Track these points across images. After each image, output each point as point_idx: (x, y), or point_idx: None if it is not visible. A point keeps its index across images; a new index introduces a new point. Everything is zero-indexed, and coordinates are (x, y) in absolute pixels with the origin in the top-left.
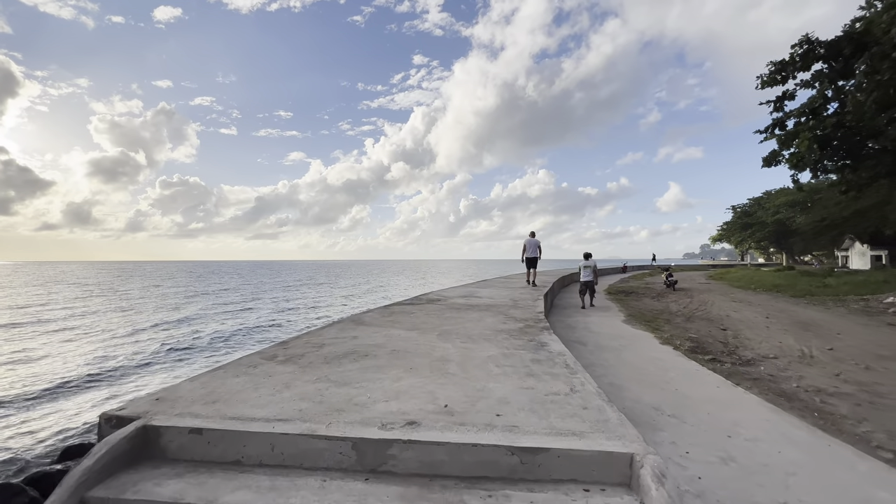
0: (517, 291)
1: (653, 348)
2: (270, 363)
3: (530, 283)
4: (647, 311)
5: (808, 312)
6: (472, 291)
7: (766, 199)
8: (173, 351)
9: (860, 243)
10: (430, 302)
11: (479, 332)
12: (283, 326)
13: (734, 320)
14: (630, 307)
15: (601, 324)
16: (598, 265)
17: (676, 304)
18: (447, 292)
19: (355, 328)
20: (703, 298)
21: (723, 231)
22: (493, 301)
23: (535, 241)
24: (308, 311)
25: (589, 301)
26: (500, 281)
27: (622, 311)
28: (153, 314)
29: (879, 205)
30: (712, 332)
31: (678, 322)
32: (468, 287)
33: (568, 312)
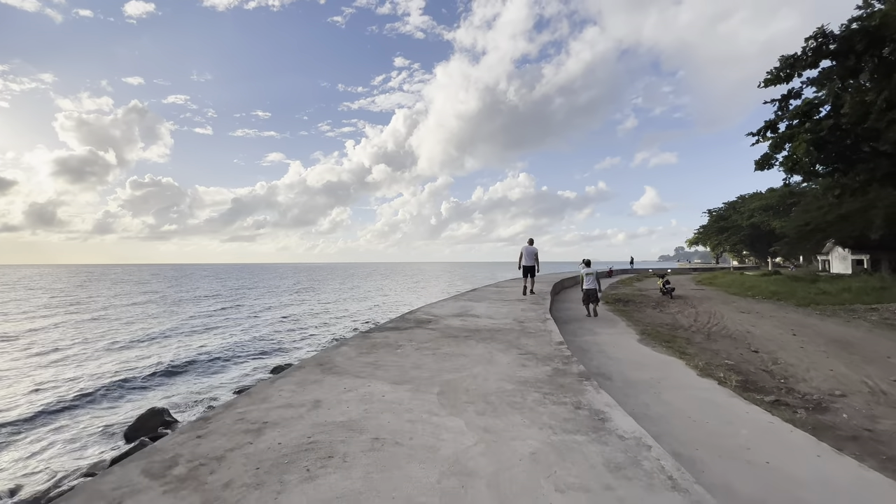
0: (517, 307)
1: (693, 383)
2: (148, 494)
3: (527, 292)
4: (658, 327)
5: (830, 326)
6: (467, 307)
7: (741, 203)
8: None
9: (841, 248)
10: (419, 325)
11: (496, 387)
12: (238, 361)
13: (759, 338)
14: (637, 320)
15: (615, 345)
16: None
17: (684, 317)
18: (437, 309)
19: (320, 381)
20: (708, 309)
21: (699, 234)
22: (494, 323)
23: (532, 250)
24: (278, 331)
25: (593, 310)
26: (491, 291)
27: (631, 327)
28: (103, 336)
29: (864, 209)
30: (744, 355)
31: (699, 342)
32: (460, 300)
33: (572, 328)
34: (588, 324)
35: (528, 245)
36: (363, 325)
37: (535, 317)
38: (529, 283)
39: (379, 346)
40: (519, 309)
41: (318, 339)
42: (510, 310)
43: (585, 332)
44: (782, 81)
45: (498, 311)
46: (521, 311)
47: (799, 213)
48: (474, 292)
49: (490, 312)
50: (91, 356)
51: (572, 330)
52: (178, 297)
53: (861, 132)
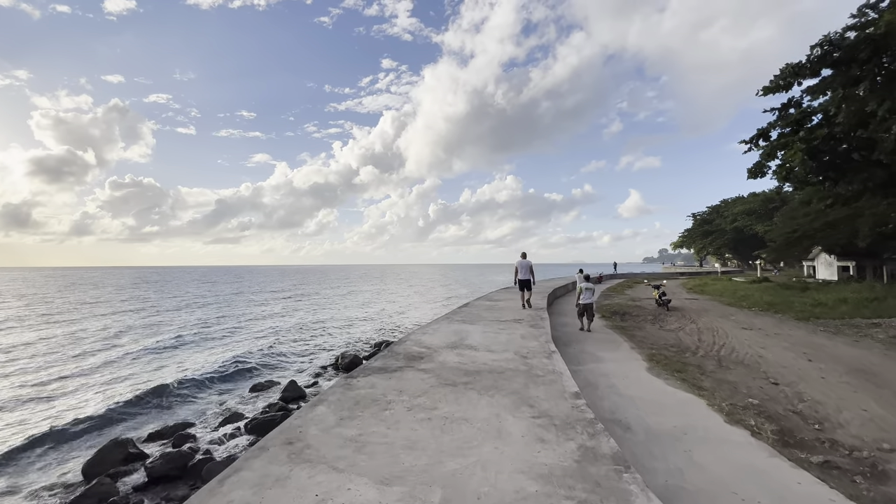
0: (515, 332)
1: (724, 434)
2: None
3: (524, 305)
4: (664, 349)
5: (842, 348)
6: (461, 334)
7: (724, 208)
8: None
9: (827, 254)
10: (410, 362)
11: (513, 488)
12: (210, 388)
13: (774, 365)
14: (639, 340)
15: (624, 376)
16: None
17: (686, 334)
18: (429, 335)
19: (285, 481)
20: (708, 325)
21: (684, 237)
22: (495, 359)
23: (527, 263)
24: (257, 352)
25: (588, 324)
26: (484, 307)
27: (636, 350)
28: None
29: (851, 217)
30: (765, 389)
31: (712, 370)
32: (453, 322)
33: (575, 353)
34: (589, 345)
35: (521, 259)
36: (349, 346)
37: (539, 348)
38: (527, 296)
39: (363, 404)
40: (518, 336)
41: (298, 366)
42: (509, 337)
43: (589, 357)
44: (781, 90)
45: (496, 339)
46: (521, 340)
47: (785, 219)
48: (467, 310)
49: (488, 342)
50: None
51: (574, 355)
52: (161, 304)
53: (854, 141)
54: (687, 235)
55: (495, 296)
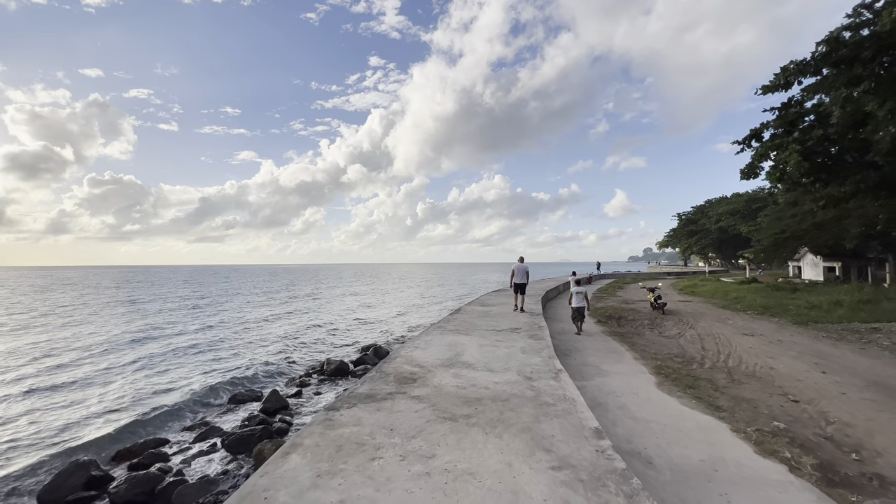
0: (515, 344)
1: (761, 472)
2: None
3: (519, 308)
4: (668, 360)
5: (852, 357)
6: (456, 348)
7: (709, 208)
8: None
9: (813, 255)
10: (401, 387)
11: None
12: (175, 412)
13: (788, 379)
14: (641, 349)
15: (633, 393)
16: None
17: (688, 342)
18: (421, 351)
19: None
20: (708, 330)
21: (670, 237)
22: (497, 381)
23: (523, 267)
24: (233, 368)
25: (580, 326)
26: (478, 313)
27: (640, 361)
28: None
29: (838, 219)
30: (786, 408)
31: (725, 385)
32: (446, 334)
33: (576, 365)
34: (591, 356)
35: (518, 263)
36: (336, 349)
37: (543, 366)
38: (521, 301)
39: (347, 450)
40: (518, 350)
41: (282, 372)
42: (509, 352)
43: (593, 371)
44: (781, 89)
45: (494, 354)
46: (522, 355)
47: (772, 220)
48: (459, 317)
49: (486, 358)
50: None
51: (577, 368)
52: (145, 308)
53: (847, 143)
54: (672, 235)
55: (487, 300)
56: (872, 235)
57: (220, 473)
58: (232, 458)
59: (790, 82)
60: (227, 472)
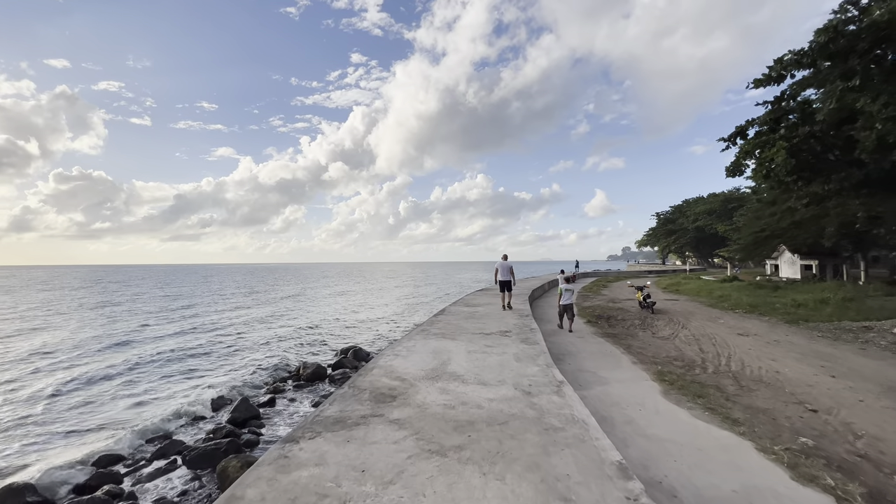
0: (507, 349)
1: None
2: None
3: (505, 306)
4: (668, 364)
5: (854, 358)
6: (442, 355)
7: (686, 207)
8: None
9: (791, 253)
10: (377, 406)
11: None
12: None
13: (799, 385)
14: (637, 352)
15: (640, 404)
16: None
17: (684, 343)
18: (401, 360)
19: None
20: (702, 330)
21: (649, 236)
22: (490, 398)
23: (507, 265)
24: (184, 385)
25: (569, 325)
26: (464, 315)
27: (638, 366)
28: None
29: (816, 217)
30: (806, 419)
31: (735, 393)
32: (430, 339)
33: (571, 371)
34: (587, 361)
35: (502, 260)
36: (314, 351)
37: (541, 376)
38: (508, 298)
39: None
40: (512, 357)
41: (255, 375)
42: (501, 359)
43: (591, 378)
44: (773, 82)
45: (485, 362)
46: (516, 364)
47: (751, 218)
48: (444, 319)
49: (476, 367)
50: None
51: (574, 374)
52: (106, 310)
53: (831, 140)
54: (652, 234)
55: (473, 300)
56: (848, 234)
57: (179, 495)
58: (193, 475)
59: (783, 76)
60: (187, 494)
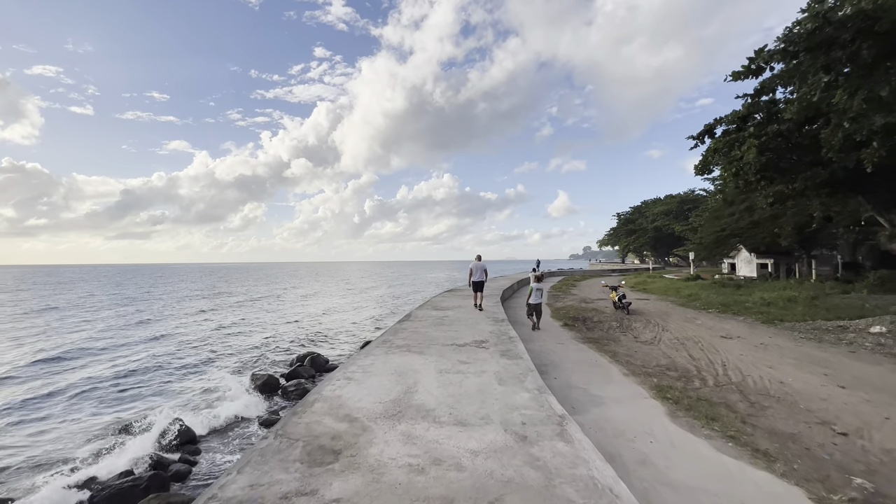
0: (486, 368)
1: None
2: None
3: (477, 306)
4: (662, 375)
5: (848, 363)
6: (408, 382)
7: (645, 208)
8: None
9: (747, 252)
10: (308, 475)
11: None
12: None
13: (809, 398)
14: (624, 360)
15: (648, 434)
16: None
17: (672, 349)
18: (354, 387)
19: None
20: (682, 333)
21: (610, 235)
22: (476, 450)
23: (481, 265)
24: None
25: (537, 322)
26: (432, 320)
27: (631, 379)
28: None
29: (774, 217)
30: (842, 447)
31: (748, 413)
32: (393, 352)
33: (557, 387)
34: (573, 373)
35: (476, 261)
36: (272, 358)
37: (534, 407)
38: (480, 299)
39: None
40: (493, 378)
41: (200, 389)
42: (481, 382)
43: (582, 397)
44: (752, 75)
45: (462, 386)
46: (500, 388)
47: (710, 219)
48: (410, 326)
49: (451, 397)
50: None
51: (562, 391)
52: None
53: (796, 139)
54: (613, 234)
55: (441, 302)
56: (804, 234)
57: None
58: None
59: (762, 68)
60: None
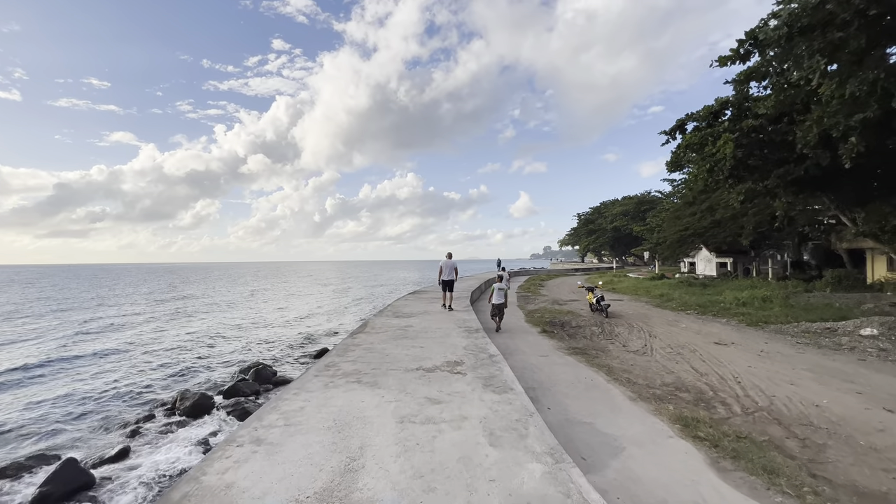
0: (465, 410)
1: None
2: None
3: (447, 306)
4: (672, 397)
5: (868, 374)
6: (350, 443)
7: (604, 208)
8: None
9: (707, 251)
10: None
11: None
12: None
13: (859, 426)
14: (624, 379)
15: (676, 486)
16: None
17: (669, 360)
18: (257, 465)
19: None
20: (671, 338)
21: (571, 235)
22: None
23: (451, 264)
24: None
25: (498, 323)
26: (394, 332)
27: (638, 402)
28: None
29: (735, 217)
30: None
31: (800, 453)
32: (336, 383)
33: (556, 421)
34: (570, 400)
35: (446, 259)
36: (205, 376)
37: (554, 498)
38: (449, 299)
39: None
40: (478, 426)
41: (115, 410)
42: (462, 440)
43: (592, 437)
44: (739, 60)
45: (434, 453)
46: (493, 453)
47: (671, 218)
48: (364, 339)
49: (419, 481)
50: None
51: (560, 428)
52: None
53: (769, 135)
54: (573, 234)
55: (404, 307)
56: (764, 233)
57: None
58: None
59: (750, 52)
60: None
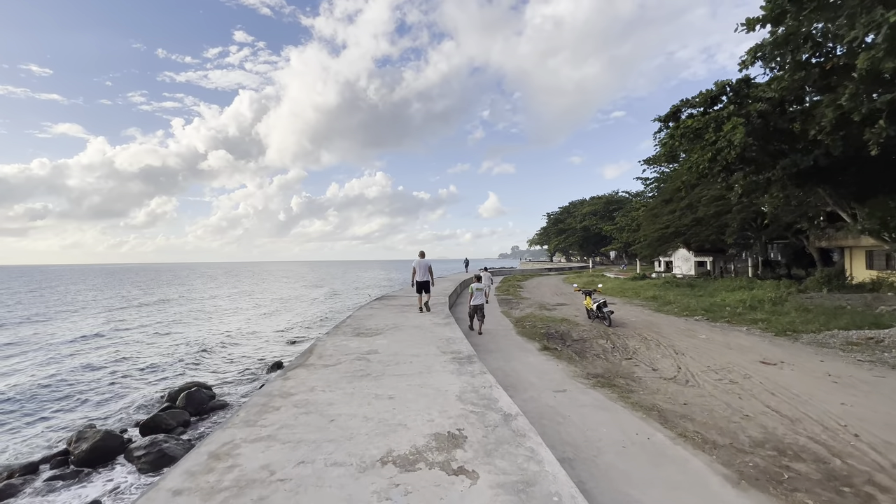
0: None
1: None
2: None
3: (422, 308)
4: (786, 469)
5: None
6: None
7: (573, 208)
8: None
9: (686, 250)
10: None
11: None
12: None
13: None
14: (685, 427)
15: None
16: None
17: (733, 396)
18: None
19: None
20: (707, 358)
21: (541, 235)
22: None
23: (425, 263)
24: None
25: (479, 326)
26: (352, 355)
27: (753, 491)
28: None
29: (718, 215)
30: None
31: None
32: (286, 408)
33: None
34: (647, 491)
35: (419, 258)
36: (123, 402)
37: None
38: (425, 299)
39: None
40: None
41: None
42: None
43: None
44: (770, 23)
45: None
46: None
47: (648, 217)
48: (302, 383)
49: None
50: None
51: None
52: None
53: (778, 121)
54: (543, 233)
55: (368, 321)
56: (747, 231)
57: None
58: None
59: (785, 13)
60: None
